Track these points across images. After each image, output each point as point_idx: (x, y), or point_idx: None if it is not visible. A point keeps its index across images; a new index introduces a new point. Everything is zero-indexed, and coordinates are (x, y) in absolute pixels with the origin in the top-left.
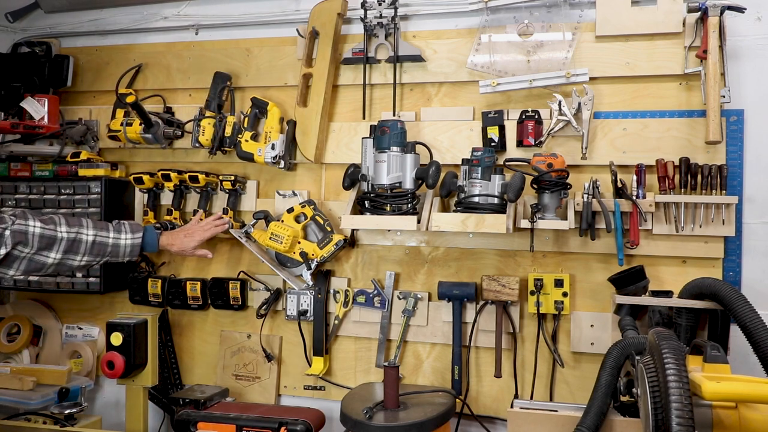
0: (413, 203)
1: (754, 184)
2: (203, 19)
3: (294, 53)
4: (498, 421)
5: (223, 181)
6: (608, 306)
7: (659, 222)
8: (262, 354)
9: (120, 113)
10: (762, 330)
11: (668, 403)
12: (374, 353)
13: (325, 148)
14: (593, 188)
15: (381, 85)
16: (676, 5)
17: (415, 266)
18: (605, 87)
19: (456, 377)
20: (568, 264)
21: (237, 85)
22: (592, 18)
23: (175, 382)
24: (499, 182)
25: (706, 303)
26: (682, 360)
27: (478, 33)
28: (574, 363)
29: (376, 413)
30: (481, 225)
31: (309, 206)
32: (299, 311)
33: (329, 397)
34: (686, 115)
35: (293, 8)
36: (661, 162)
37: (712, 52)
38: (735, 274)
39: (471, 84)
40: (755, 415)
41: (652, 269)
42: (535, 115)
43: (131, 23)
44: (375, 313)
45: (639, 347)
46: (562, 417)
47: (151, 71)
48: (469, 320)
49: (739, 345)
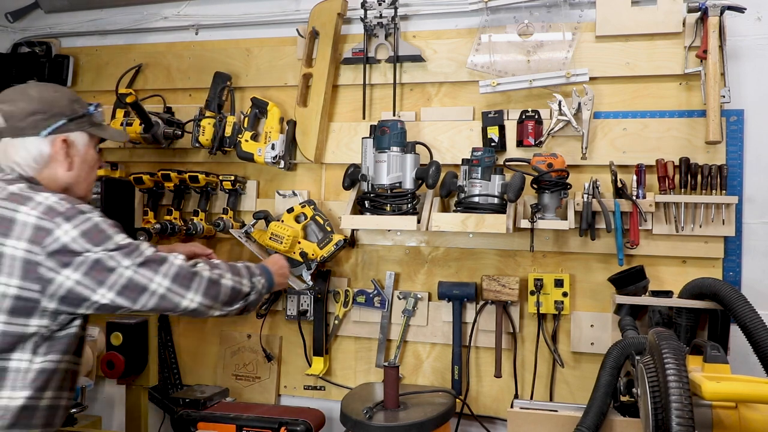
0: (413, 203)
1: (754, 184)
2: (203, 19)
3: (294, 53)
4: (498, 421)
5: (223, 181)
6: (608, 306)
7: (659, 222)
8: (262, 354)
9: (120, 113)
10: (762, 330)
11: (668, 403)
12: (374, 353)
13: (325, 148)
14: (593, 188)
15: (381, 85)
16: (676, 5)
17: (415, 266)
18: (605, 87)
19: (456, 377)
20: (568, 264)
21: (237, 85)
22: (592, 18)
23: (175, 382)
24: (499, 182)
25: (706, 303)
26: (682, 360)
27: (478, 33)
28: (574, 363)
29: (376, 413)
30: (481, 225)
31: (309, 206)
32: (299, 311)
33: (329, 397)
34: (686, 115)
35: (293, 8)
36: (661, 162)
37: (712, 52)
38: (735, 274)
39: (471, 84)
40: (755, 415)
41: (652, 269)
42: (535, 115)
43: (131, 23)
44: (375, 313)
45: (639, 347)
46: (562, 417)
47: (151, 71)
48: (469, 320)
49: (739, 345)
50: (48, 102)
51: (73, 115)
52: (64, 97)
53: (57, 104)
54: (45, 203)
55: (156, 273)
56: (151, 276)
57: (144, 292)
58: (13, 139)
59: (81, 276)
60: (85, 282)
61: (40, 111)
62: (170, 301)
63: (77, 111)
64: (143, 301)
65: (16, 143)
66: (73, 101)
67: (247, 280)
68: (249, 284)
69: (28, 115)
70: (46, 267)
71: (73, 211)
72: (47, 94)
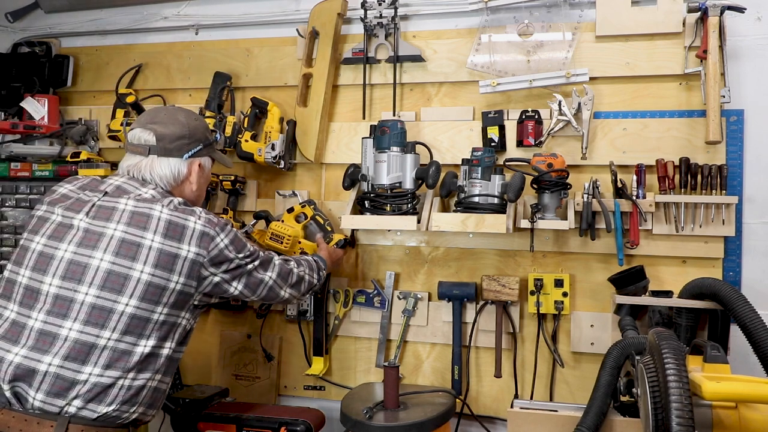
0: (413, 203)
1: (754, 184)
2: (203, 19)
3: (294, 53)
4: (498, 421)
5: (223, 181)
6: (608, 306)
7: (659, 222)
8: (262, 354)
9: (120, 113)
10: (762, 330)
11: (668, 403)
12: (374, 353)
13: (325, 148)
14: (593, 188)
15: (381, 85)
16: (676, 5)
17: (415, 266)
18: (605, 87)
19: (456, 377)
20: (568, 264)
21: (237, 85)
22: (592, 18)
23: (175, 382)
24: (499, 182)
25: (706, 303)
26: (682, 360)
27: (478, 33)
28: (574, 363)
29: (376, 413)
30: (481, 225)
31: (309, 206)
32: (299, 311)
33: (329, 397)
34: (686, 115)
35: (293, 8)
36: (661, 162)
37: (712, 52)
38: (735, 274)
39: (471, 84)
40: (755, 415)
41: (652, 269)
42: (535, 115)
43: (131, 23)
44: (375, 313)
45: (639, 347)
46: (562, 417)
47: (151, 71)
48: (469, 320)
49: (739, 345)
50: (192, 128)
51: (206, 142)
52: (203, 125)
53: (198, 131)
54: (204, 216)
55: (267, 270)
56: (264, 273)
57: (261, 284)
58: (160, 158)
59: (225, 274)
60: (226, 278)
61: (186, 136)
62: (275, 292)
63: (209, 139)
64: (259, 291)
65: (162, 161)
66: (207, 129)
67: (316, 274)
68: (317, 277)
69: (177, 139)
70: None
71: (222, 222)
72: (191, 121)
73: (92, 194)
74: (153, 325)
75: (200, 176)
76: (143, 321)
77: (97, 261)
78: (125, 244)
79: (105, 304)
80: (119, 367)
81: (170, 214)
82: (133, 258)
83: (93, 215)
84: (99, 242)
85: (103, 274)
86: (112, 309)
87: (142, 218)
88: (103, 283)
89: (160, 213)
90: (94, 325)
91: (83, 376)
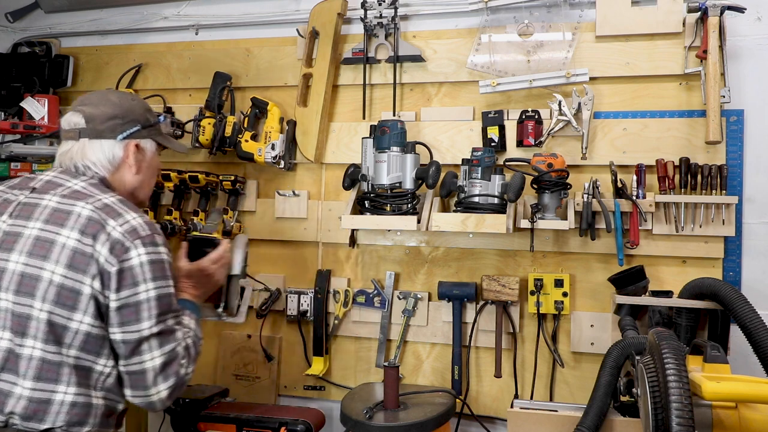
0: (413, 203)
1: (754, 184)
2: (203, 19)
3: (294, 53)
4: (498, 421)
5: (223, 181)
6: (608, 306)
7: (659, 222)
8: (262, 354)
9: None
10: (762, 330)
11: (668, 403)
12: (374, 353)
13: (325, 148)
14: (593, 188)
15: (381, 85)
16: (676, 5)
17: (415, 266)
18: (605, 87)
19: (456, 377)
20: (568, 264)
21: (237, 85)
22: (592, 18)
23: None
24: (499, 182)
25: (706, 303)
26: (682, 360)
27: (478, 33)
28: (574, 363)
29: (376, 413)
30: (481, 225)
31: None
32: (299, 311)
33: (329, 397)
34: (686, 115)
35: (293, 8)
36: (661, 162)
37: (712, 52)
38: (735, 274)
39: (471, 84)
40: (755, 415)
41: (652, 269)
42: (535, 115)
43: (131, 23)
44: (375, 313)
45: (639, 347)
46: (562, 417)
47: (151, 71)
48: (469, 320)
49: (739, 345)
50: (126, 108)
51: (146, 123)
52: (140, 105)
53: (134, 111)
54: (134, 222)
55: (162, 346)
56: (152, 351)
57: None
58: (92, 140)
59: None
60: (113, 309)
61: (119, 116)
62: (143, 380)
63: (150, 120)
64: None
65: (94, 144)
66: (146, 110)
67: (193, 364)
68: (192, 368)
69: (108, 119)
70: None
71: (151, 235)
72: (126, 101)
73: (19, 192)
74: (73, 335)
75: (139, 159)
76: (60, 328)
77: (12, 264)
78: (39, 242)
79: (22, 311)
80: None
81: (92, 211)
82: (45, 257)
83: (16, 215)
84: (16, 243)
85: (18, 278)
86: (29, 315)
87: (62, 215)
88: (18, 288)
89: (81, 210)
90: (15, 333)
91: (18, 390)
